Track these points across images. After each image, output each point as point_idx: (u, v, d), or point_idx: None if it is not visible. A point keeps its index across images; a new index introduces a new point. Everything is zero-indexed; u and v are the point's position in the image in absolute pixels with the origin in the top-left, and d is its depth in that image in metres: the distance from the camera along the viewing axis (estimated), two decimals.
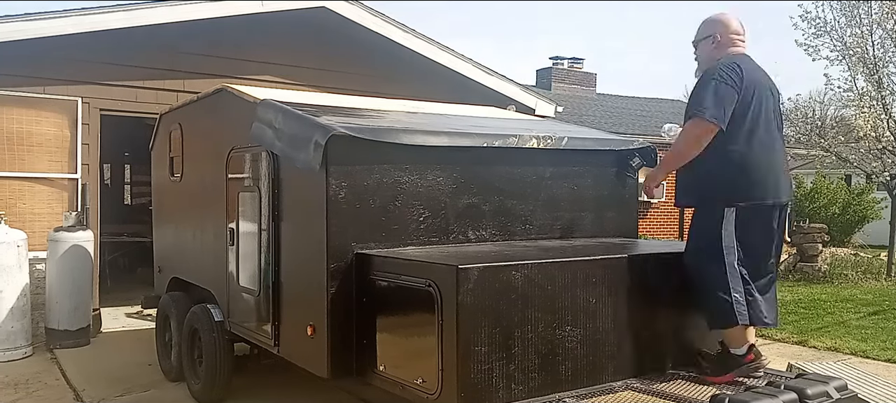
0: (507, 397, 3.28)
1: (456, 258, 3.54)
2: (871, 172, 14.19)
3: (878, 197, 19.39)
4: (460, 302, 3.15)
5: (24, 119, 7.59)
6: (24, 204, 7.62)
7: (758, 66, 3.79)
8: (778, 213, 3.76)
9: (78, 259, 7.21)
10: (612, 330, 3.65)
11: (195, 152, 5.84)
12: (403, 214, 4.07)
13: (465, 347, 3.16)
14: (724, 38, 3.79)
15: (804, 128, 13.96)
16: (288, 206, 4.35)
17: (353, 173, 3.92)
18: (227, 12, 8.22)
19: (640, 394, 3.54)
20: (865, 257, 14.93)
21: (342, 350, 3.86)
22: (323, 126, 3.91)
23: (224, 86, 5.42)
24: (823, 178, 20.24)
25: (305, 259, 4.12)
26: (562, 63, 21.38)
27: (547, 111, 10.71)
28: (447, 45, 9.73)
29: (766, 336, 8.00)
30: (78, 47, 7.59)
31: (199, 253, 5.71)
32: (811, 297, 10.70)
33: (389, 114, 5.25)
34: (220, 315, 5.21)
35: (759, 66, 3.79)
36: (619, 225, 4.67)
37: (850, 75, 12.85)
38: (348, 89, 8.13)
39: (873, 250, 16.82)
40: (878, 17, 12.19)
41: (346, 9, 8.90)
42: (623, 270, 3.73)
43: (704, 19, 3.93)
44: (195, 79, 8.04)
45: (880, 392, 4.72)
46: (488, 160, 4.36)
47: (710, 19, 3.89)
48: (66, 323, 7.17)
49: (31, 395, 5.69)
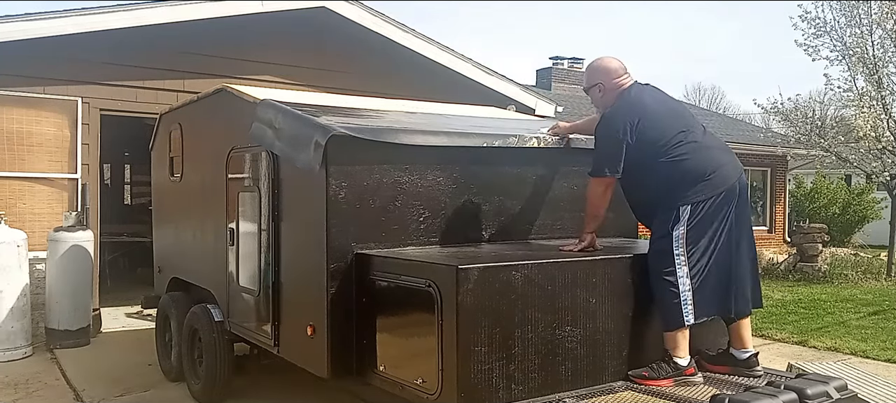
0: (506, 397, 3.28)
1: (456, 258, 3.54)
2: (871, 172, 14.19)
3: (878, 197, 19.40)
4: (460, 302, 3.15)
5: (24, 119, 7.59)
6: (24, 205, 7.62)
7: (643, 87, 3.98)
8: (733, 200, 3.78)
9: (78, 259, 7.21)
10: (612, 330, 3.64)
11: (195, 152, 5.84)
12: (403, 214, 4.07)
13: (464, 347, 3.16)
14: (608, 84, 4.00)
15: (804, 128, 13.94)
16: (288, 206, 4.35)
17: (353, 173, 3.92)
18: (227, 12, 8.22)
19: (640, 394, 3.54)
20: (865, 257, 14.95)
21: (342, 350, 3.86)
22: (323, 126, 3.91)
23: (224, 86, 5.42)
24: (823, 178, 20.24)
25: (305, 259, 4.12)
26: (562, 63, 21.35)
27: (547, 111, 10.71)
28: (447, 45, 9.74)
29: (767, 336, 8.01)
30: (78, 47, 7.60)
31: (199, 254, 5.71)
32: (811, 297, 10.71)
33: (389, 114, 5.25)
34: (220, 315, 5.21)
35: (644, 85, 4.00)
36: (619, 226, 4.66)
37: (850, 75, 12.86)
38: (348, 89, 8.14)
39: (873, 250, 16.83)
40: (878, 17, 12.18)
41: (345, 9, 8.90)
42: (623, 270, 3.73)
43: (587, 68, 4.21)
44: (195, 79, 8.04)
45: (880, 392, 4.72)
46: (488, 160, 4.36)
47: (592, 68, 4.12)
48: (66, 323, 7.17)
49: (31, 395, 5.69)
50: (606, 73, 4.00)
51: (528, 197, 4.53)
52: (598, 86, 4.03)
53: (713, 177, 3.73)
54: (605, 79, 4.00)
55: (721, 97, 50.07)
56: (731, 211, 3.77)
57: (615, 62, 4.03)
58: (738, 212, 3.81)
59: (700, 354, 3.90)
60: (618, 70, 4.00)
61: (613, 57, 4.07)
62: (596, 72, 4.06)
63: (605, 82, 3.99)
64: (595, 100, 4.11)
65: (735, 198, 3.78)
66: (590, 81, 4.10)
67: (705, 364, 3.88)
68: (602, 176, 3.87)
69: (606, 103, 3.99)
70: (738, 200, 3.80)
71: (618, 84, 3.97)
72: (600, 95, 4.03)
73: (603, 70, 4.02)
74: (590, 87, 4.10)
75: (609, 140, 3.85)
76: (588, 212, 4.01)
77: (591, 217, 3.98)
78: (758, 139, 17.31)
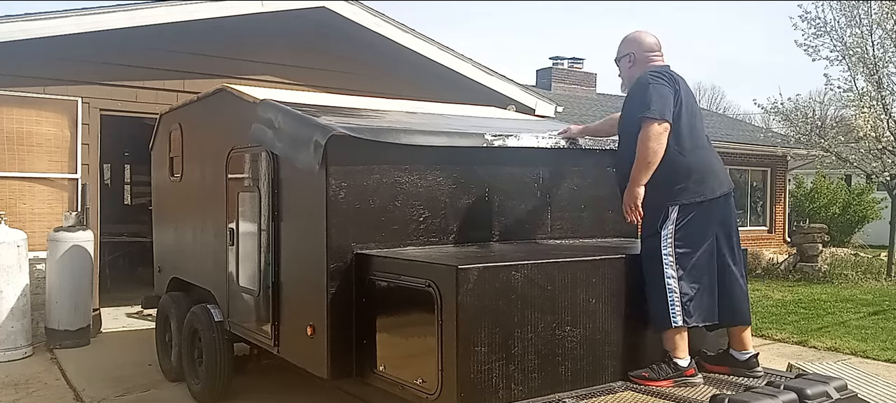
0: (506, 397, 3.28)
1: (456, 258, 3.54)
2: (871, 172, 14.17)
3: (878, 197, 19.39)
4: (460, 302, 3.15)
5: (24, 119, 7.59)
6: (25, 205, 7.62)
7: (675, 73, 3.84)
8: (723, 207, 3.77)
9: (78, 259, 7.21)
10: (611, 330, 3.65)
11: (195, 152, 5.84)
12: (403, 214, 4.07)
13: (464, 347, 3.16)
14: (639, 56, 3.88)
15: (804, 128, 13.93)
16: (288, 206, 4.35)
17: (353, 173, 3.92)
18: (227, 12, 8.22)
19: (640, 394, 3.54)
20: (865, 257, 14.94)
21: (342, 350, 3.86)
22: (323, 126, 3.91)
23: (224, 86, 5.42)
24: (823, 178, 20.24)
25: (305, 259, 4.12)
26: (562, 63, 21.36)
27: (547, 111, 10.71)
28: (447, 44, 9.74)
29: (767, 336, 8.01)
30: (78, 47, 7.60)
31: (199, 254, 5.71)
32: (811, 297, 10.71)
33: (389, 114, 5.25)
34: (220, 315, 5.21)
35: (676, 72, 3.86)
36: (619, 225, 4.66)
37: (850, 75, 12.85)
38: (348, 89, 8.14)
39: (873, 250, 16.83)
40: (878, 17, 12.17)
41: (345, 8, 8.90)
42: (623, 270, 3.73)
43: (622, 39, 4.02)
44: (195, 79, 8.04)
45: (880, 392, 4.72)
46: (488, 160, 4.36)
47: (627, 39, 3.99)
48: (66, 322, 7.17)
49: (31, 395, 5.69)
50: (640, 45, 3.88)
51: (528, 197, 4.53)
52: (630, 56, 3.89)
53: (708, 180, 3.72)
54: (637, 51, 3.86)
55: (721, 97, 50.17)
56: (719, 222, 3.77)
57: (651, 38, 3.91)
58: (725, 225, 3.80)
59: (700, 355, 3.90)
60: (653, 46, 3.89)
61: (650, 32, 3.92)
62: (630, 43, 3.92)
63: (636, 54, 3.86)
64: (623, 72, 3.96)
65: (723, 209, 3.78)
66: (622, 51, 3.95)
67: (705, 365, 3.87)
68: (659, 119, 3.55)
69: (633, 76, 3.84)
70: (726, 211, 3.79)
71: (650, 58, 3.84)
72: (629, 66, 3.89)
73: (637, 41, 3.89)
74: (621, 57, 3.95)
75: (660, 89, 3.62)
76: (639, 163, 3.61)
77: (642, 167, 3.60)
78: (758, 139, 17.31)
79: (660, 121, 3.60)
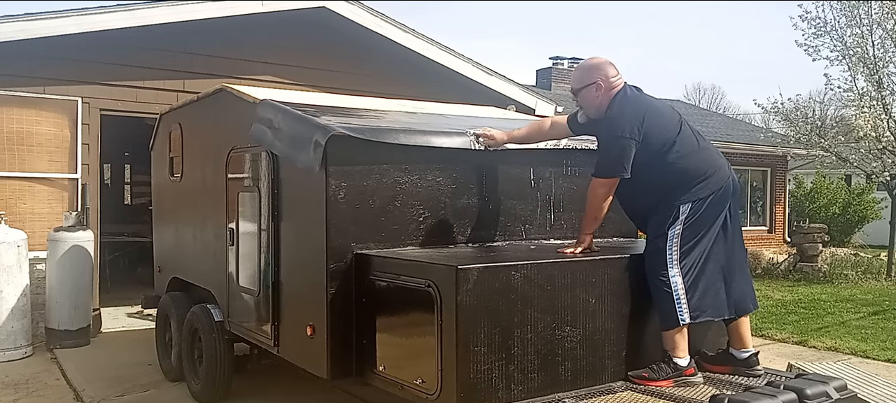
0: (506, 397, 3.28)
1: (455, 258, 3.54)
2: (871, 172, 14.18)
3: (878, 197, 19.40)
4: (460, 302, 3.15)
5: (24, 119, 7.59)
6: (25, 205, 7.62)
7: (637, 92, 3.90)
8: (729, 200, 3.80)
9: (78, 259, 7.21)
10: (611, 331, 3.65)
11: (195, 152, 5.84)
12: (403, 214, 4.07)
13: (464, 347, 3.16)
14: (606, 83, 3.87)
15: (804, 128, 13.93)
16: (288, 206, 4.36)
17: (353, 173, 3.92)
18: (227, 12, 8.22)
19: (639, 394, 3.54)
20: (865, 257, 14.95)
21: (342, 350, 3.86)
22: (323, 126, 3.91)
23: (224, 86, 5.42)
24: (823, 178, 20.24)
25: (305, 259, 4.12)
26: (562, 63, 21.36)
27: (547, 111, 10.69)
28: (447, 45, 9.74)
29: (767, 336, 8.01)
30: (78, 47, 7.60)
31: (199, 254, 5.72)
32: (811, 297, 10.71)
33: (389, 114, 5.24)
34: (220, 315, 5.21)
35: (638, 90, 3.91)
36: (619, 225, 4.66)
37: (850, 75, 12.86)
38: (348, 89, 8.14)
39: (873, 250, 16.83)
40: (878, 17, 12.18)
41: (346, 9, 8.90)
42: (622, 270, 3.73)
43: (580, 67, 4.05)
44: (195, 79, 8.04)
45: (880, 392, 4.72)
46: (488, 160, 4.36)
47: (587, 68, 3.97)
48: (67, 322, 7.17)
49: (31, 395, 5.69)
50: (604, 72, 3.88)
51: (527, 197, 4.53)
52: (596, 84, 3.87)
53: (712, 176, 3.75)
54: (602, 78, 3.86)
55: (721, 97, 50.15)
56: (726, 212, 3.80)
57: (609, 62, 3.94)
58: (732, 214, 3.84)
59: (700, 354, 3.91)
60: (614, 71, 3.91)
61: (605, 57, 3.97)
62: (593, 70, 3.91)
63: (602, 81, 3.85)
64: (588, 100, 3.93)
65: (729, 199, 3.81)
66: (585, 80, 3.92)
67: (705, 365, 3.88)
68: (609, 176, 3.76)
69: (601, 103, 3.87)
70: (732, 201, 3.83)
71: (613, 84, 3.87)
72: (596, 94, 3.88)
73: (600, 68, 3.90)
74: (584, 86, 3.92)
75: (618, 140, 3.73)
76: (588, 214, 3.90)
77: (591, 219, 3.88)
78: (758, 139, 17.31)
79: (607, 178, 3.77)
